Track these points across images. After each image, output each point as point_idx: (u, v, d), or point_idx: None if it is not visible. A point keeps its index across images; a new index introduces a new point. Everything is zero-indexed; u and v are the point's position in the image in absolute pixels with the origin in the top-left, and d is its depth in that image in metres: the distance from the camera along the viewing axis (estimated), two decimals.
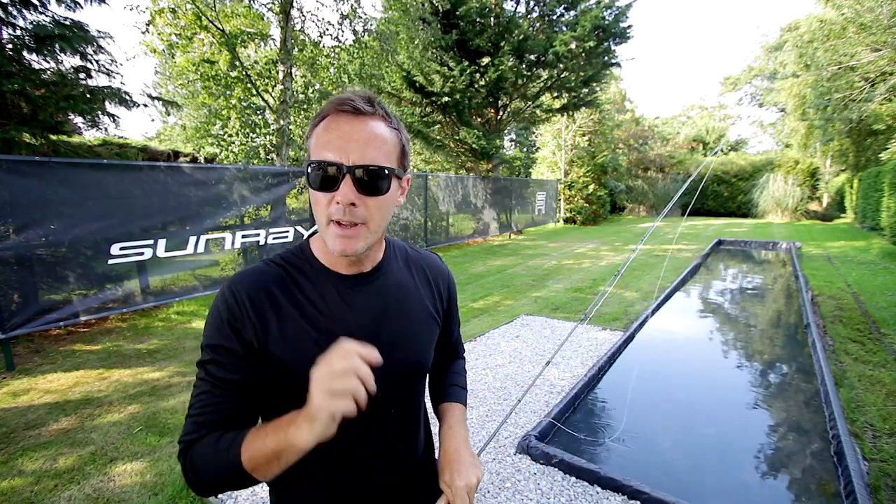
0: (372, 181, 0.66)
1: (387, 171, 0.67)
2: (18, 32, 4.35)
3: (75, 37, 4.51)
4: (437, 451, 1.00)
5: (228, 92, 9.26)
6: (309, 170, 0.67)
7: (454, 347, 1.04)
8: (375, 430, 0.78)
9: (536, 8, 11.55)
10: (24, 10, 4.33)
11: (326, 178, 0.65)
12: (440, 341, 0.94)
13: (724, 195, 21.10)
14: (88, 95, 4.67)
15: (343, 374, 0.55)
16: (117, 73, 5.04)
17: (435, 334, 0.88)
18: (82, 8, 4.72)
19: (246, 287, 0.71)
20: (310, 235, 0.81)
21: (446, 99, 10.40)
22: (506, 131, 18.64)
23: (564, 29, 11.23)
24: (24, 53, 4.39)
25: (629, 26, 11.13)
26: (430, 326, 0.85)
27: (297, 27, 8.26)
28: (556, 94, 12.71)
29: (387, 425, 0.80)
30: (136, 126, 48.13)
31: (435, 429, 0.91)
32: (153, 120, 23.24)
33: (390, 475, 0.82)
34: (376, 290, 0.78)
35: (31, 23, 4.39)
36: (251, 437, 0.63)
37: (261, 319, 0.69)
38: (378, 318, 0.77)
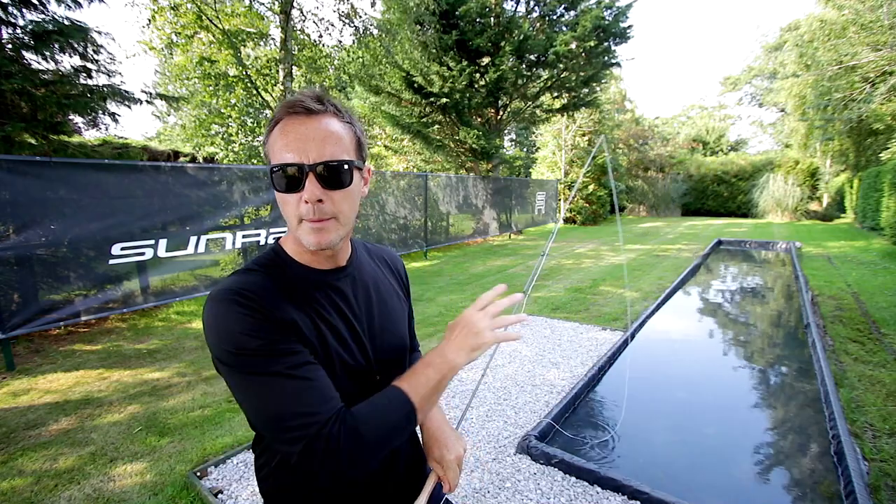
0: (334, 176, 0.68)
1: (347, 165, 0.69)
2: (18, 32, 4.35)
3: (75, 36, 4.51)
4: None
5: (230, 90, 9.26)
6: (272, 174, 0.68)
7: (413, 338, 1.08)
8: None
9: (537, 8, 11.54)
10: (23, 10, 4.33)
11: (290, 180, 0.67)
12: None
13: (724, 195, 21.11)
14: (89, 94, 4.67)
15: (490, 318, 0.75)
16: (117, 73, 5.04)
17: (407, 317, 0.95)
18: (81, 7, 4.72)
19: (252, 288, 0.67)
20: (277, 240, 0.82)
21: (446, 99, 10.40)
22: (506, 131, 18.65)
23: (564, 29, 11.22)
24: (24, 53, 4.39)
25: (629, 26, 11.13)
26: (403, 310, 0.93)
27: (297, 27, 8.26)
28: (556, 94, 12.71)
29: None
30: (135, 126, 48.15)
31: None
32: (157, 117, 23.18)
33: (393, 457, 0.86)
34: (357, 281, 0.82)
35: (31, 22, 4.38)
36: (410, 381, 0.70)
37: (280, 309, 0.68)
38: (364, 307, 0.81)
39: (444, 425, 0.91)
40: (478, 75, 10.72)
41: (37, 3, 4.39)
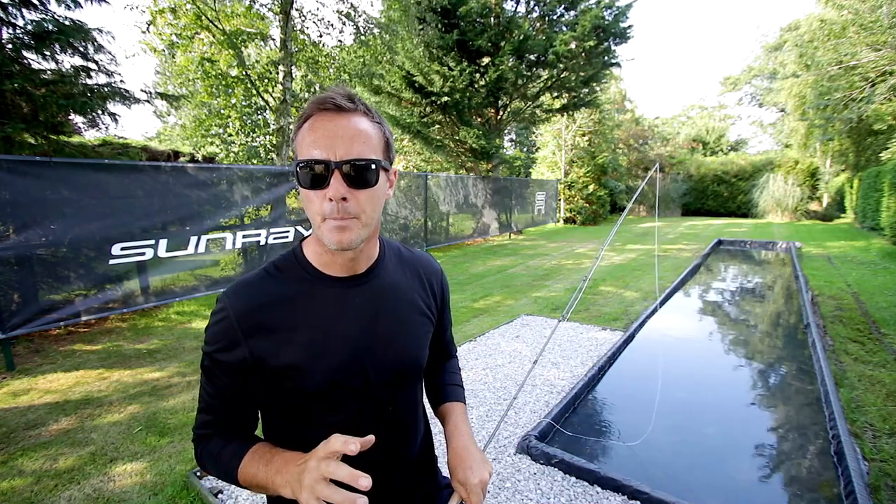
0: (360, 175, 0.67)
1: (374, 164, 0.68)
2: (18, 32, 4.35)
3: (75, 36, 4.51)
4: (436, 449, 1.00)
5: (230, 90, 9.27)
6: (298, 170, 0.68)
7: (447, 347, 1.05)
8: (373, 430, 0.78)
9: (536, 8, 11.54)
10: (23, 10, 4.33)
11: (316, 177, 0.67)
12: (434, 341, 0.96)
13: (724, 195, 21.11)
14: (89, 94, 4.67)
15: (320, 481, 0.57)
16: (117, 73, 5.04)
17: (429, 333, 0.89)
18: (82, 7, 4.72)
19: (239, 302, 0.72)
20: (302, 240, 0.82)
21: (446, 99, 10.40)
22: (506, 131, 18.65)
23: (564, 29, 11.22)
24: (24, 53, 4.39)
25: (629, 26, 11.13)
26: (424, 325, 0.87)
27: (297, 27, 8.26)
28: (556, 94, 12.70)
29: (385, 425, 0.80)
30: (135, 126, 48.17)
31: (435, 427, 0.91)
32: (158, 117, 23.22)
33: (389, 475, 0.83)
34: (371, 292, 0.79)
35: (31, 22, 4.39)
36: (248, 460, 0.71)
37: (253, 335, 0.71)
38: (372, 319, 0.78)
39: (471, 445, 0.87)
40: (478, 75, 10.72)
41: (37, 2, 4.39)
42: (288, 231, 6.00)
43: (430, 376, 1.04)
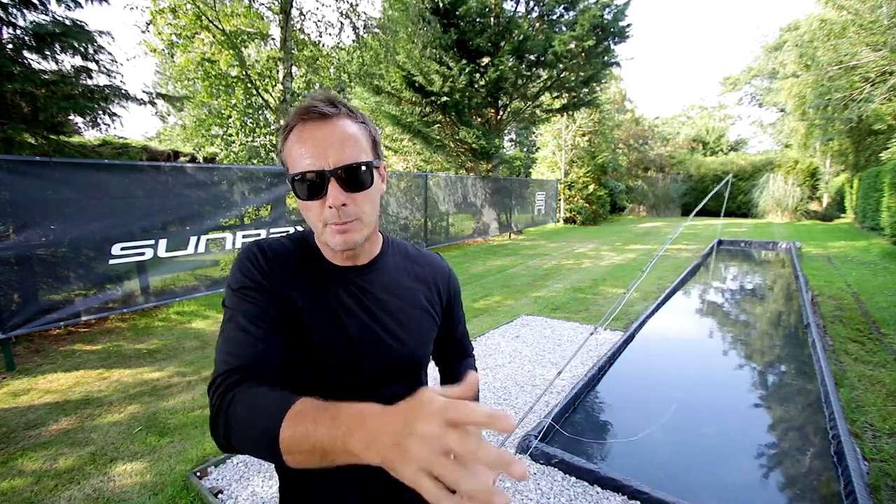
0: (355, 178, 0.69)
1: (366, 167, 0.70)
2: (18, 32, 4.35)
3: (76, 36, 4.51)
4: None
5: (231, 90, 9.27)
6: (294, 182, 0.69)
7: (460, 345, 1.04)
8: None
9: (536, 8, 11.54)
10: (24, 10, 4.32)
11: (312, 187, 0.68)
12: (446, 339, 0.95)
13: (725, 195, 21.06)
14: (89, 95, 4.67)
15: (440, 455, 0.40)
16: (117, 73, 5.04)
17: (432, 331, 0.88)
18: (82, 7, 4.72)
19: (273, 248, 0.76)
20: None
21: (446, 99, 10.40)
22: (506, 131, 18.64)
23: (564, 29, 11.22)
24: (25, 53, 4.39)
25: (628, 25, 11.13)
26: (426, 322, 0.86)
27: (297, 27, 8.26)
28: (555, 94, 12.71)
29: None
30: (135, 126, 48.18)
31: None
32: (161, 118, 23.22)
33: (387, 479, 0.82)
34: (370, 284, 0.80)
35: (32, 22, 4.38)
36: (297, 415, 0.51)
37: (281, 277, 0.74)
38: (370, 310, 0.79)
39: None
40: (478, 75, 10.72)
41: (37, 3, 4.39)
42: (288, 231, 6.00)
43: (445, 375, 1.04)
